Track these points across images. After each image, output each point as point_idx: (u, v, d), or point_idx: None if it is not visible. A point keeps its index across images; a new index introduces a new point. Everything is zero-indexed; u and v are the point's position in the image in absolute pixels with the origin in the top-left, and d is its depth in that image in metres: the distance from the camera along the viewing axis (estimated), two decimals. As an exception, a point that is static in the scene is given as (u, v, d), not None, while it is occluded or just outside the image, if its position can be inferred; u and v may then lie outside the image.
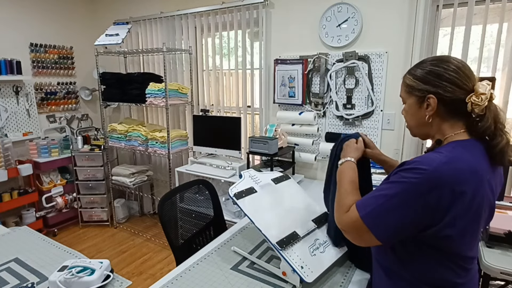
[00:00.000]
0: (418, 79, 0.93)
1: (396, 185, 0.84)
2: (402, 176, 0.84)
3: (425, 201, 0.80)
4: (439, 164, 0.80)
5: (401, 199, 0.82)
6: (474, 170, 0.82)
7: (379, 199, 0.86)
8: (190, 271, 1.33)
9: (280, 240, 1.24)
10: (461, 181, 0.80)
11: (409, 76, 0.96)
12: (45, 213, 3.37)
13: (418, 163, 0.82)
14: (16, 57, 3.22)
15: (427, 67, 0.92)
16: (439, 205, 0.80)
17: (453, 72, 0.87)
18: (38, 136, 3.46)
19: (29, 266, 1.35)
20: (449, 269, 0.89)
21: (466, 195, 0.80)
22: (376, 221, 0.85)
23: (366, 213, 0.87)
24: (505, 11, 1.98)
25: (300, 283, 1.21)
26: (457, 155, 0.84)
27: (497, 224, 1.52)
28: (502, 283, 1.95)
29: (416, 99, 0.94)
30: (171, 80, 3.36)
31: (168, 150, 3.02)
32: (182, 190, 1.83)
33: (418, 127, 0.99)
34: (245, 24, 2.83)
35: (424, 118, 0.93)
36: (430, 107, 0.91)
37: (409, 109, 0.98)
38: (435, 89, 0.88)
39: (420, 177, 0.80)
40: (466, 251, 0.88)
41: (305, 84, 2.59)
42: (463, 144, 0.87)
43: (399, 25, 2.23)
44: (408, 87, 0.96)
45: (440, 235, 0.83)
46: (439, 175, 0.79)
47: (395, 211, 0.83)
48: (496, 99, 1.96)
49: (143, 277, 2.74)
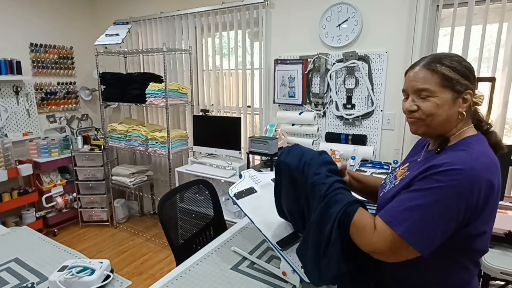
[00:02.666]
0: (459, 72, 0.85)
1: (432, 192, 0.78)
2: (437, 180, 0.78)
3: (467, 202, 0.77)
4: (472, 161, 0.78)
5: (443, 206, 0.76)
6: (496, 162, 0.83)
7: (415, 210, 0.78)
8: (190, 271, 1.33)
9: (280, 240, 1.23)
10: (492, 175, 0.79)
11: (447, 68, 0.85)
12: (45, 213, 3.37)
13: (450, 164, 0.78)
14: (16, 57, 3.21)
15: (461, 61, 0.87)
16: (478, 203, 0.78)
17: (474, 72, 0.88)
18: (38, 136, 3.46)
19: (29, 266, 1.35)
20: (466, 269, 0.88)
21: (495, 188, 0.80)
22: (419, 235, 0.78)
23: (405, 229, 0.78)
24: (505, 11, 1.98)
25: (300, 283, 1.21)
26: (481, 149, 0.83)
27: (497, 224, 1.51)
28: (502, 283, 1.95)
29: (454, 94, 0.85)
30: (171, 80, 3.36)
31: (168, 150, 3.02)
32: (182, 190, 1.83)
33: (445, 125, 0.89)
34: (245, 24, 2.83)
35: (455, 115, 0.87)
36: (466, 103, 0.86)
37: (444, 105, 0.85)
38: (473, 85, 0.86)
39: (458, 178, 0.76)
40: (486, 246, 0.87)
41: (305, 84, 2.59)
42: (478, 138, 0.87)
43: (399, 25, 2.23)
44: (447, 79, 0.85)
45: (474, 233, 0.81)
46: (477, 173, 0.76)
47: (438, 220, 0.77)
48: (496, 99, 1.98)
49: (143, 277, 2.74)
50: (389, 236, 0.80)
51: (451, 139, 0.90)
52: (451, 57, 0.88)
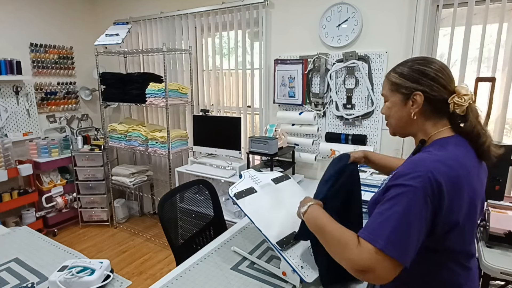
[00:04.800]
0: (404, 77, 0.92)
1: (399, 200, 0.80)
2: (401, 186, 0.80)
3: (432, 203, 0.79)
4: (432, 163, 0.81)
5: (412, 211, 0.78)
6: (464, 165, 0.84)
7: (390, 221, 0.79)
8: (190, 271, 1.33)
9: (280, 240, 1.23)
10: (455, 177, 0.81)
11: (394, 74, 0.95)
12: (45, 213, 3.37)
13: (411, 169, 0.81)
14: (16, 57, 3.21)
15: (413, 65, 0.92)
16: (441, 204, 0.80)
17: (439, 72, 0.89)
18: (38, 136, 3.46)
19: (29, 266, 1.35)
20: (451, 271, 0.89)
21: (461, 190, 0.82)
22: (398, 245, 0.77)
23: (384, 243, 0.77)
24: (505, 11, 1.98)
25: (300, 283, 1.21)
26: (446, 152, 0.85)
27: (497, 224, 1.52)
28: (502, 283, 1.95)
29: (402, 96, 0.94)
30: (171, 80, 3.36)
31: (168, 150, 3.02)
32: (182, 190, 1.83)
33: (401, 125, 0.98)
34: (245, 24, 2.83)
35: (408, 116, 0.93)
36: (416, 104, 0.91)
37: (393, 107, 0.97)
38: (422, 87, 0.89)
39: (420, 181, 0.78)
40: (466, 247, 0.88)
41: (305, 84, 2.59)
42: (449, 141, 0.89)
43: (399, 25, 2.23)
44: (394, 84, 0.95)
45: (443, 234, 0.83)
46: (436, 175, 0.79)
47: (412, 227, 0.78)
48: (496, 99, 1.98)
49: (143, 277, 2.74)
50: (371, 252, 0.78)
51: (427, 140, 0.94)
52: (406, 63, 0.95)
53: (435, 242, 0.84)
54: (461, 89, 0.87)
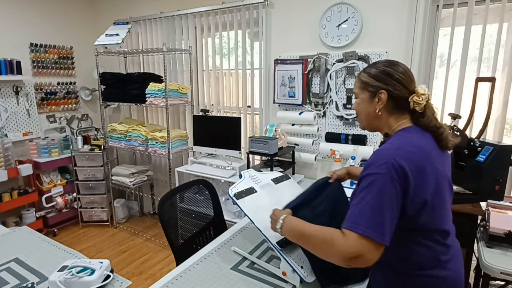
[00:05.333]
0: (372, 76, 1.04)
1: (371, 187, 0.90)
2: (370, 175, 0.91)
3: (399, 185, 0.89)
4: (393, 151, 0.92)
5: (383, 195, 0.88)
6: (423, 149, 0.95)
7: (366, 208, 0.89)
8: (190, 271, 1.33)
9: (280, 240, 1.24)
10: (415, 160, 0.91)
11: (364, 74, 1.07)
12: (45, 213, 3.37)
13: (376, 159, 0.92)
14: (16, 57, 3.21)
15: (380, 67, 1.04)
16: (408, 185, 0.89)
17: (401, 74, 1.01)
18: (38, 136, 3.46)
19: (29, 266, 1.35)
20: (429, 248, 0.97)
21: (424, 171, 0.92)
22: (377, 228, 0.87)
23: (365, 228, 0.87)
24: (505, 11, 1.98)
25: (300, 283, 1.21)
26: (405, 140, 0.97)
27: (497, 224, 1.52)
28: (502, 283, 1.95)
29: (369, 94, 1.06)
30: (171, 80, 3.36)
31: (168, 150, 3.02)
32: (182, 190, 1.83)
33: (368, 120, 1.10)
34: (245, 24, 2.83)
35: (374, 112, 1.06)
36: (380, 101, 1.03)
37: (362, 103, 1.09)
38: (386, 86, 1.02)
39: (385, 167, 0.89)
40: (440, 224, 0.98)
41: (305, 84, 2.59)
42: (408, 130, 1.02)
43: (399, 25, 2.23)
44: (363, 83, 1.07)
45: (414, 213, 0.92)
46: (397, 161, 0.89)
47: (385, 209, 0.88)
48: (496, 99, 1.98)
49: (143, 277, 2.74)
50: (355, 239, 0.87)
51: (391, 133, 1.06)
52: (375, 65, 1.06)
53: (410, 222, 0.94)
54: (420, 89, 1.00)
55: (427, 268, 0.98)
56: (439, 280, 0.98)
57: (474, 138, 1.84)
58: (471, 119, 1.99)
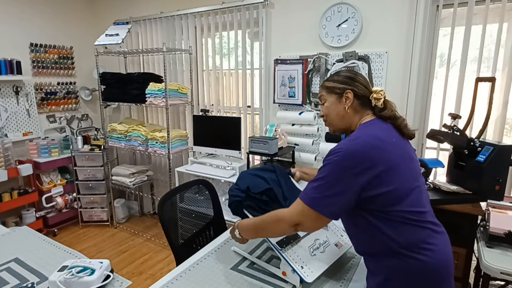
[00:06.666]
0: (337, 81, 1.18)
1: (324, 170, 1.03)
2: (327, 161, 1.03)
3: (351, 172, 0.98)
4: (350, 142, 1.02)
5: (333, 177, 1.00)
6: (379, 137, 1.04)
7: (317, 185, 1.03)
8: (190, 271, 1.33)
9: (280, 240, 1.24)
10: (372, 148, 1.00)
11: (329, 81, 1.21)
12: (45, 213, 3.37)
13: (333, 150, 1.04)
14: (16, 57, 3.21)
15: (343, 74, 1.19)
16: (364, 170, 0.98)
17: (361, 77, 1.18)
18: (38, 136, 3.46)
19: (29, 266, 1.35)
20: (415, 227, 1.01)
21: (381, 156, 1.00)
22: (320, 202, 1.01)
23: (310, 199, 1.03)
24: (505, 11, 1.98)
25: (300, 283, 1.21)
26: (363, 131, 1.08)
27: (497, 224, 1.52)
28: (502, 283, 1.95)
29: (336, 95, 1.17)
30: (171, 80, 3.36)
31: (168, 150, 3.02)
32: (182, 190, 1.83)
33: (337, 120, 1.19)
34: (245, 24, 2.83)
35: (344, 111, 1.16)
36: (348, 100, 1.15)
37: (331, 105, 1.19)
38: (351, 87, 1.15)
39: (338, 155, 1.00)
40: (415, 206, 1.03)
41: (305, 84, 2.59)
42: (370, 123, 1.12)
43: (399, 25, 2.23)
44: (329, 88, 1.19)
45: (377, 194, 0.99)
46: (352, 150, 0.99)
47: (333, 187, 1.00)
48: (496, 99, 1.98)
49: (143, 277, 2.74)
50: (301, 207, 1.04)
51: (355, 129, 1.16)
52: (338, 73, 1.20)
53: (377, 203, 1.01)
54: (376, 88, 1.15)
55: (413, 249, 1.01)
56: (424, 264, 1.01)
57: (474, 138, 1.84)
58: (471, 119, 1.99)
